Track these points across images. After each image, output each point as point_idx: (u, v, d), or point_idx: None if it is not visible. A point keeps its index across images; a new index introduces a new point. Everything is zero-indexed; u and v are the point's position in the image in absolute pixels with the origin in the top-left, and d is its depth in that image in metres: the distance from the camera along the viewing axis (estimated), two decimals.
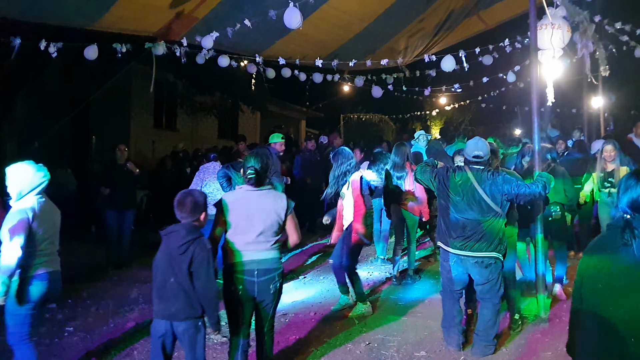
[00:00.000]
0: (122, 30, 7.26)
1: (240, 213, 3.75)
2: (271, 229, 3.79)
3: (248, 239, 3.74)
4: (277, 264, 3.85)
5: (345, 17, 8.47)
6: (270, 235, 3.79)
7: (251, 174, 3.80)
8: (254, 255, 3.74)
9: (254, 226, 3.74)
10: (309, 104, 24.19)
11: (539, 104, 5.74)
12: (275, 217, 3.80)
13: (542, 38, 6.30)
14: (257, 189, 3.82)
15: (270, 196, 3.87)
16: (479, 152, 4.69)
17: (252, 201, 3.79)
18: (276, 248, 3.86)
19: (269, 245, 3.80)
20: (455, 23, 10.04)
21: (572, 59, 8.11)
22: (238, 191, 3.96)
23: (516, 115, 17.08)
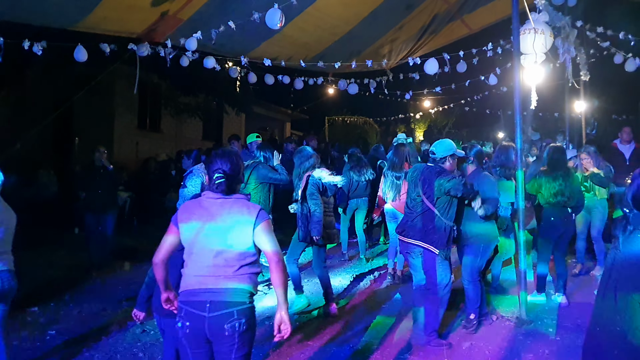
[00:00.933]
0: (106, 31, 7.20)
1: (196, 227, 2.95)
2: (234, 250, 2.94)
3: (205, 262, 2.95)
4: (242, 297, 2.94)
5: (330, 20, 8.49)
6: (234, 257, 2.94)
7: (219, 177, 2.99)
8: (212, 282, 2.93)
9: (212, 245, 2.94)
10: (293, 106, 24.21)
11: (521, 107, 5.80)
12: (239, 234, 2.93)
13: (525, 43, 6.37)
14: (221, 196, 3.00)
15: (237, 206, 2.99)
16: (432, 149, 5.07)
17: (212, 212, 2.96)
18: (244, 276, 2.97)
19: (231, 271, 2.94)
20: (439, 27, 10.12)
21: (555, 63, 8.22)
22: (198, 199, 3.09)
23: (499, 118, 17.24)
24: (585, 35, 9.44)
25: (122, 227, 9.60)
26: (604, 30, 9.35)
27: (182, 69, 8.39)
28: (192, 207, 3.05)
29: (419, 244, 4.91)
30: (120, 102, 15.11)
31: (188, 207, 3.08)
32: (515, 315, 5.55)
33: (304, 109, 24.94)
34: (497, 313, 5.68)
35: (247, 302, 2.96)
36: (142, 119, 16.46)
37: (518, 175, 5.59)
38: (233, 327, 2.89)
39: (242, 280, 2.96)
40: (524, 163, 6.04)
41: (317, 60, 9.34)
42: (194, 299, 2.93)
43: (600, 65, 10.50)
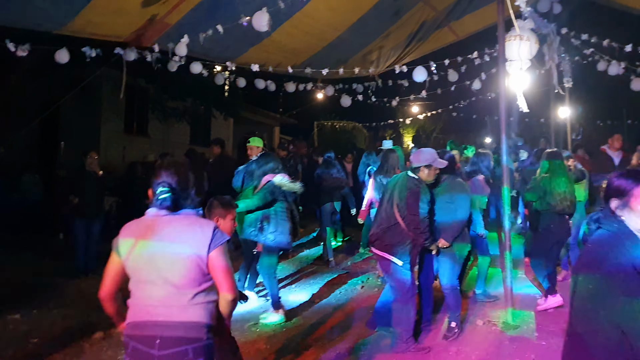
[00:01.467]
0: (92, 35, 7.15)
1: (140, 250, 2.56)
2: (186, 275, 2.53)
3: (154, 290, 2.55)
4: (198, 332, 2.54)
5: (319, 26, 8.51)
6: (186, 284, 2.53)
7: (164, 192, 2.60)
8: (162, 313, 2.53)
9: (159, 270, 2.54)
10: (282, 111, 24.20)
11: (507, 113, 5.85)
12: (190, 257, 2.53)
13: (510, 50, 6.43)
14: (168, 213, 2.61)
15: (185, 224, 2.59)
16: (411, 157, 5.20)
17: (158, 232, 2.56)
18: (200, 306, 2.56)
19: (186, 300, 2.53)
20: (427, 34, 10.18)
21: (540, 70, 8.29)
22: (141, 218, 2.67)
23: (486, 124, 17.36)
24: (570, 42, 9.54)
25: (108, 232, 9.52)
26: (588, 37, 9.46)
27: (170, 73, 8.37)
28: (135, 227, 2.64)
29: (382, 254, 4.95)
30: (107, 106, 15.01)
31: (130, 228, 2.65)
32: (502, 320, 5.57)
33: (292, 114, 24.95)
34: (483, 318, 5.70)
35: (204, 339, 2.54)
36: (129, 123, 16.37)
37: (504, 179, 5.64)
38: None
39: (199, 311, 2.55)
40: (509, 168, 6.06)
41: (305, 66, 9.36)
42: (142, 333, 2.53)
43: (585, 72, 10.61)
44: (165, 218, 2.59)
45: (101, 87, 13.98)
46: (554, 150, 6.74)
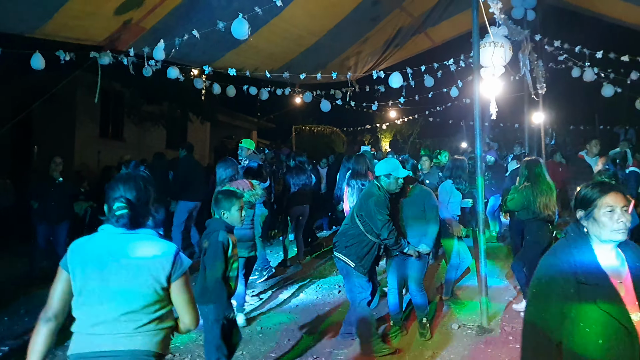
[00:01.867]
0: (66, 38, 7.08)
1: (91, 270, 2.33)
2: (139, 301, 2.32)
3: (100, 315, 2.31)
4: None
5: (296, 31, 8.54)
6: (139, 310, 2.32)
7: (121, 207, 2.37)
8: (108, 342, 2.29)
9: (110, 293, 2.31)
10: (260, 115, 24.13)
11: (481, 118, 5.92)
12: (148, 281, 2.33)
13: (485, 56, 6.51)
14: (126, 231, 2.38)
15: (145, 245, 2.38)
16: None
17: (113, 252, 2.35)
18: (151, 333, 2.35)
19: (135, 327, 2.31)
20: (404, 40, 10.29)
21: (515, 76, 8.42)
22: (94, 235, 2.44)
23: (462, 128, 17.56)
24: (543, 48, 9.71)
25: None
26: (561, 44, 9.64)
27: (146, 77, 8.31)
28: (87, 245, 2.40)
29: (339, 255, 5.05)
30: (82, 110, 14.82)
31: (81, 245, 2.40)
32: (477, 324, 5.62)
33: (270, 118, 24.89)
34: (458, 321, 5.75)
35: None
36: (104, 127, 16.19)
37: (478, 181, 5.70)
38: None
39: (150, 339, 2.34)
40: (483, 170, 6.13)
41: (283, 70, 9.37)
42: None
43: (558, 77, 10.81)
44: (122, 237, 2.37)
45: (75, 91, 13.81)
46: (533, 157, 6.76)
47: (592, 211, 2.26)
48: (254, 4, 6.60)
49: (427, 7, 9.44)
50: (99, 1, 6.42)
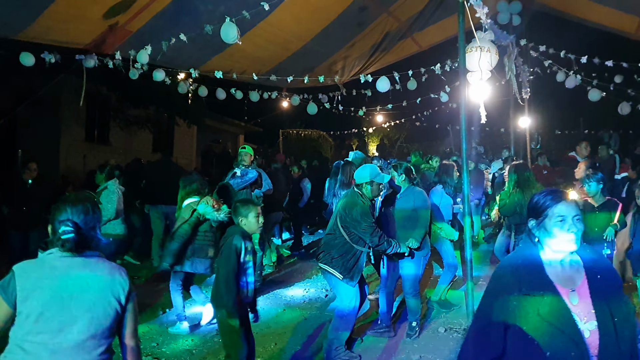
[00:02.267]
0: (51, 41, 7.02)
1: (49, 295, 2.21)
2: (104, 323, 2.27)
3: (62, 342, 2.20)
4: None
5: (283, 35, 8.53)
6: (102, 334, 2.27)
7: (68, 231, 2.28)
8: None
9: (73, 318, 2.22)
10: (247, 119, 24.08)
11: (468, 123, 5.95)
12: (112, 303, 2.30)
13: (471, 61, 6.54)
14: (79, 256, 2.31)
15: (104, 268, 2.35)
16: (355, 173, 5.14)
17: (71, 275, 2.27)
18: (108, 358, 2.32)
19: (98, 353, 2.26)
20: (391, 45, 10.32)
21: (501, 81, 8.46)
22: (42, 259, 2.32)
23: (449, 133, 17.65)
24: (529, 53, 9.79)
25: None
26: (546, 49, 9.73)
27: (132, 80, 8.26)
28: (36, 270, 2.27)
29: (326, 268, 4.97)
30: (67, 114, 14.69)
31: (29, 270, 2.26)
32: (463, 327, 5.64)
33: (257, 122, 24.83)
34: (445, 324, 5.77)
35: None
36: (90, 131, 16.05)
37: (464, 186, 5.73)
38: None
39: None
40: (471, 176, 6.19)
41: (270, 74, 9.36)
42: None
43: (543, 82, 10.91)
44: (78, 260, 2.30)
45: (61, 94, 13.68)
46: (520, 162, 6.85)
47: (544, 221, 2.18)
48: (241, 7, 6.59)
49: (414, 11, 9.48)
50: (84, 4, 6.37)
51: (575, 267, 2.18)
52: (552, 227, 2.15)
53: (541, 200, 2.23)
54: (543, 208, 2.20)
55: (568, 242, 2.13)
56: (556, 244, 2.15)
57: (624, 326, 2.06)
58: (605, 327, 2.04)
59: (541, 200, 2.23)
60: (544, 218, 2.18)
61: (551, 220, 2.16)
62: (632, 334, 2.09)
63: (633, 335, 2.09)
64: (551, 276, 2.13)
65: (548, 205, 2.19)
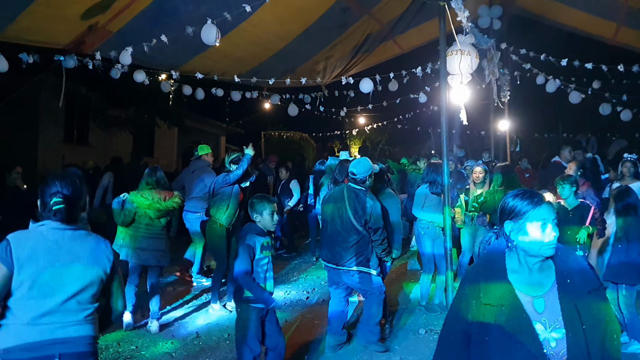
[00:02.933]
0: (30, 42, 6.92)
1: (43, 264, 2.43)
2: (90, 290, 2.52)
3: (50, 305, 2.43)
4: (93, 346, 2.57)
5: (265, 36, 8.52)
6: (88, 299, 2.52)
7: (58, 202, 2.52)
8: (57, 331, 2.43)
9: (63, 285, 2.45)
10: (229, 120, 23.97)
11: (448, 126, 5.99)
12: (98, 272, 2.55)
13: (452, 63, 6.60)
14: (69, 227, 2.55)
15: (91, 240, 2.60)
16: (352, 169, 5.11)
17: (63, 246, 2.50)
18: (93, 321, 2.57)
19: (84, 315, 2.50)
20: (372, 46, 10.37)
21: (481, 84, 8.55)
22: (38, 230, 2.52)
23: (429, 136, 17.74)
24: (508, 57, 9.90)
25: None
26: (526, 52, 9.85)
27: (112, 81, 8.18)
28: (32, 239, 2.49)
29: (357, 269, 4.96)
30: (46, 114, 14.49)
31: (24, 239, 2.48)
32: None
33: (239, 123, 24.75)
34: (426, 326, 5.79)
35: (96, 351, 2.60)
36: (69, 131, 15.86)
37: (445, 188, 5.77)
38: None
39: (92, 325, 2.55)
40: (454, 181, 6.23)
41: (251, 75, 9.33)
42: (37, 354, 2.39)
43: (523, 86, 11.03)
44: (68, 233, 2.54)
45: (39, 95, 13.50)
46: (506, 164, 6.95)
47: (523, 224, 2.05)
48: (222, 8, 6.56)
49: (396, 14, 9.54)
50: (63, 4, 6.29)
51: (546, 271, 2.07)
52: (531, 231, 2.03)
53: (520, 201, 2.09)
54: (523, 210, 2.07)
55: (548, 246, 2.02)
56: (535, 248, 2.03)
57: (594, 333, 1.95)
58: (574, 335, 1.93)
59: (520, 201, 2.09)
60: (524, 220, 2.05)
61: (532, 223, 2.03)
62: (604, 341, 1.98)
63: (607, 343, 1.98)
64: (515, 283, 2.04)
65: (529, 207, 2.06)
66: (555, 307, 1.98)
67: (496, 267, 2.10)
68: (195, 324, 6.05)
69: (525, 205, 2.07)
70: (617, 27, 9.19)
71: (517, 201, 2.11)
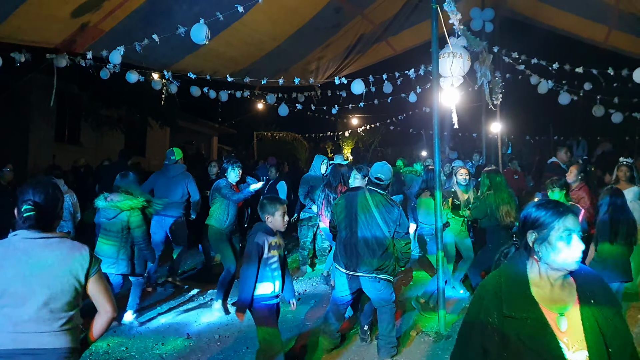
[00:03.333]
0: (22, 41, 6.87)
1: (12, 274, 2.44)
2: (62, 299, 2.50)
3: (23, 315, 2.43)
4: (69, 357, 2.52)
5: (257, 36, 8.51)
6: (61, 308, 2.50)
7: (29, 209, 2.52)
8: (31, 341, 2.42)
9: (34, 294, 2.44)
10: (221, 120, 23.94)
11: (440, 127, 6.01)
12: (70, 280, 2.52)
13: (444, 66, 6.62)
14: (41, 235, 2.54)
15: (64, 248, 2.57)
16: (379, 175, 5.02)
17: (32, 255, 2.48)
18: (70, 332, 2.54)
19: (58, 325, 2.48)
20: (365, 47, 10.38)
21: (473, 86, 8.58)
22: (10, 240, 2.54)
23: (422, 137, 17.79)
24: (500, 59, 9.94)
25: None
26: (518, 55, 9.89)
27: (104, 80, 8.14)
28: (1, 249, 2.50)
29: (382, 277, 4.92)
30: (37, 113, 14.38)
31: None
32: (435, 331, 5.68)
33: (231, 123, 24.72)
34: (417, 328, 5.80)
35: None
36: (60, 131, 15.75)
37: (436, 194, 5.77)
38: None
39: (69, 336, 2.53)
40: (443, 183, 6.25)
41: (243, 74, 9.32)
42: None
43: (514, 88, 11.09)
44: (39, 241, 2.53)
45: (30, 94, 13.41)
46: (493, 167, 6.98)
47: (548, 234, 1.96)
48: (215, 8, 6.55)
49: (388, 15, 9.56)
50: (55, 4, 6.26)
51: (568, 288, 1.99)
52: (558, 241, 1.95)
53: (544, 211, 2.02)
54: (548, 220, 1.99)
55: (573, 258, 1.94)
56: (560, 260, 1.95)
57: (620, 358, 1.86)
58: (598, 358, 1.84)
59: (544, 211, 2.02)
60: (550, 231, 1.97)
61: (557, 234, 1.96)
62: None
63: None
64: (538, 297, 1.95)
65: (555, 218, 1.98)
66: (577, 327, 1.90)
67: (519, 279, 2.02)
68: (186, 325, 6.03)
69: (550, 216, 1.99)
70: (609, 30, 9.24)
71: (541, 211, 2.03)
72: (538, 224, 2.01)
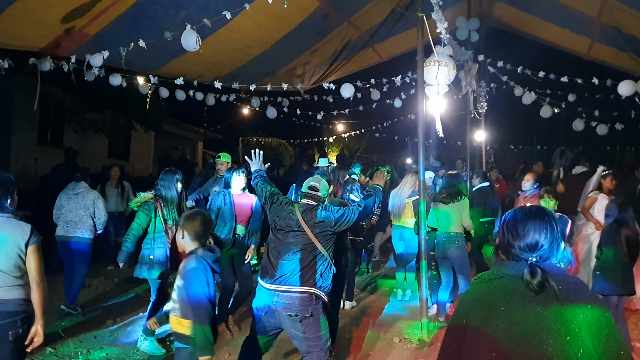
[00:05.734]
0: (6, 45, 6.79)
1: None
2: (9, 263, 3.34)
3: None
4: (22, 306, 3.37)
5: (244, 41, 8.50)
6: (11, 270, 3.35)
7: None
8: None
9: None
10: (207, 125, 23.84)
11: (424, 136, 6.04)
12: (14, 249, 3.35)
13: (429, 74, 6.65)
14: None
15: (9, 223, 3.39)
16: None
17: None
18: (21, 287, 3.38)
19: (10, 281, 3.34)
20: (352, 54, 10.41)
21: (458, 95, 8.64)
22: None
23: (407, 145, 17.87)
24: (485, 69, 10.03)
25: None
26: (503, 65, 9.99)
27: (89, 83, 8.07)
28: None
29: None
30: (19, 115, 14.20)
31: None
32: (417, 338, 5.69)
33: (217, 128, 24.63)
34: (400, 335, 5.81)
35: (27, 311, 3.38)
36: (43, 134, 15.56)
37: (421, 204, 5.80)
38: (17, 332, 3.32)
39: (21, 290, 3.37)
40: (427, 190, 6.28)
41: (230, 78, 9.30)
42: None
43: (499, 98, 11.19)
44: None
45: (13, 96, 13.24)
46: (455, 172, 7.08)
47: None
48: (201, 13, 6.53)
49: (375, 22, 9.59)
50: (41, 8, 6.18)
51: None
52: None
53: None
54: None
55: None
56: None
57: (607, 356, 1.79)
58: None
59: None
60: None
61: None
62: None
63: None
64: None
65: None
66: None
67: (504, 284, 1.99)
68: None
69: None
70: (591, 42, 9.35)
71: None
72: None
